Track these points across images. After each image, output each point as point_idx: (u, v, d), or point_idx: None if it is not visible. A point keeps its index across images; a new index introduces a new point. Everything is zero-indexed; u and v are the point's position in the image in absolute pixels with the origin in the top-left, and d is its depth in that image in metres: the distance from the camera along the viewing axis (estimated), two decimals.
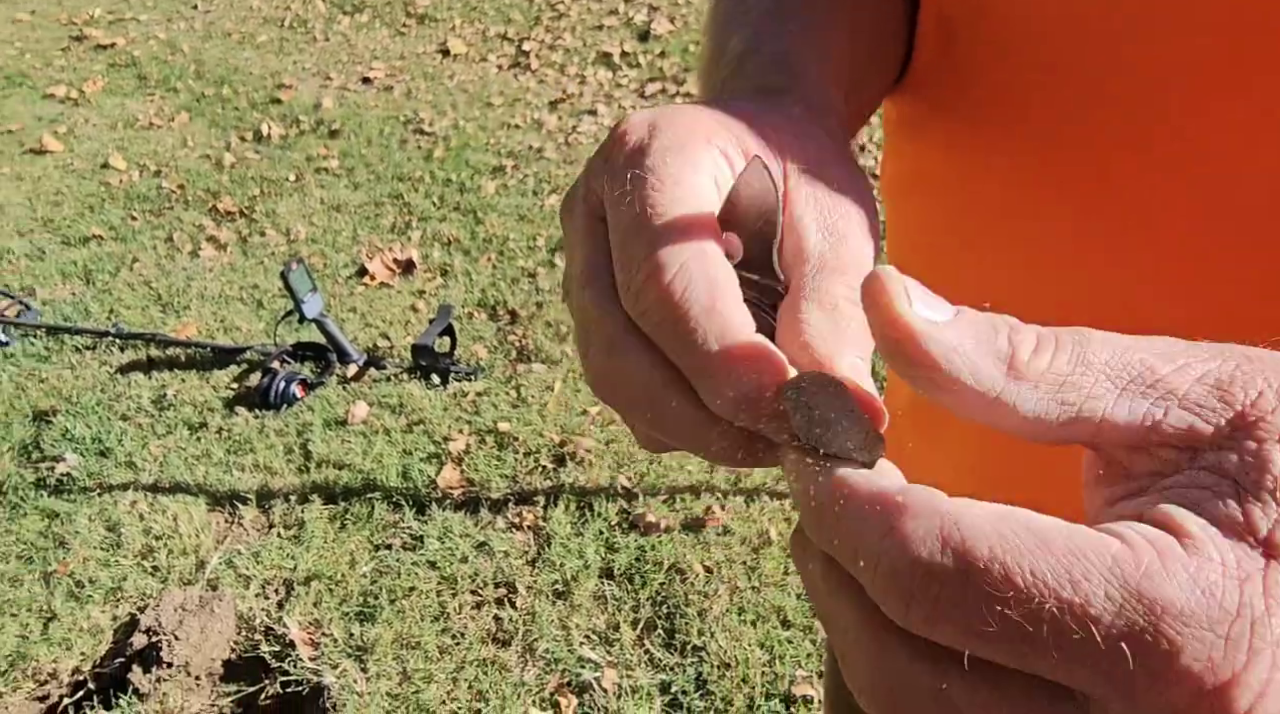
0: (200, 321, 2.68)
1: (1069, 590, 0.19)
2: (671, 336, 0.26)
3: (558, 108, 3.72)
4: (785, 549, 1.83)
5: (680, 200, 0.28)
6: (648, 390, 0.27)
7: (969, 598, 0.19)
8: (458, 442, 2.15)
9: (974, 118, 0.45)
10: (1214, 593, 0.19)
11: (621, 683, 1.63)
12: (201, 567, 1.91)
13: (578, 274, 0.29)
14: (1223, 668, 0.18)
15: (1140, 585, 0.19)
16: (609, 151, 0.30)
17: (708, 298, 0.26)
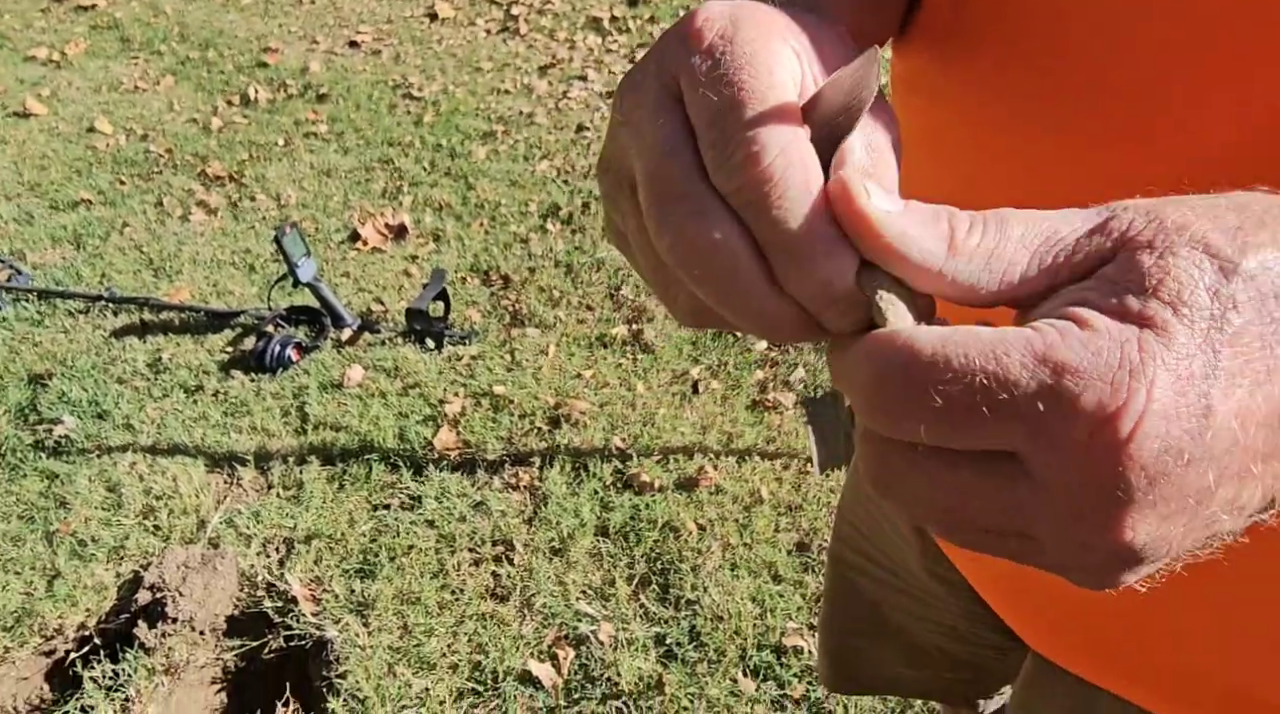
0: (193, 286, 2.68)
1: (994, 365, 0.25)
2: (765, 214, 0.28)
3: (548, 73, 3.71)
4: (776, 508, 1.87)
5: (773, 88, 0.29)
6: (729, 263, 0.29)
7: (909, 388, 0.25)
8: (453, 404, 2.18)
9: (983, 75, 0.46)
10: (1101, 353, 0.24)
11: (618, 635, 1.67)
12: (202, 526, 1.94)
13: (657, 144, 0.30)
14: (1109, 404, 0.24)
15: (1046, 353, 0.24)
16: (689, 37, 0.31)
17: (804, 182, 0.28)
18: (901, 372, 0.26)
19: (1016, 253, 0.27)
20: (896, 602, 0.84)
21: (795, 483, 1.93)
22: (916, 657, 0.87)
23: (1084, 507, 0.25)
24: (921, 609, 0.82)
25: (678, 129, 0.30)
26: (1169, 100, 0.39)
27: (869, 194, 0.27)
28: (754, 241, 0.29)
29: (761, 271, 0.29)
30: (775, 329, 0.30)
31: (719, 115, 0.29)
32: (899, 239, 0.27)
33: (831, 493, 1.89)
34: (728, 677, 1.59)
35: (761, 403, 2.12)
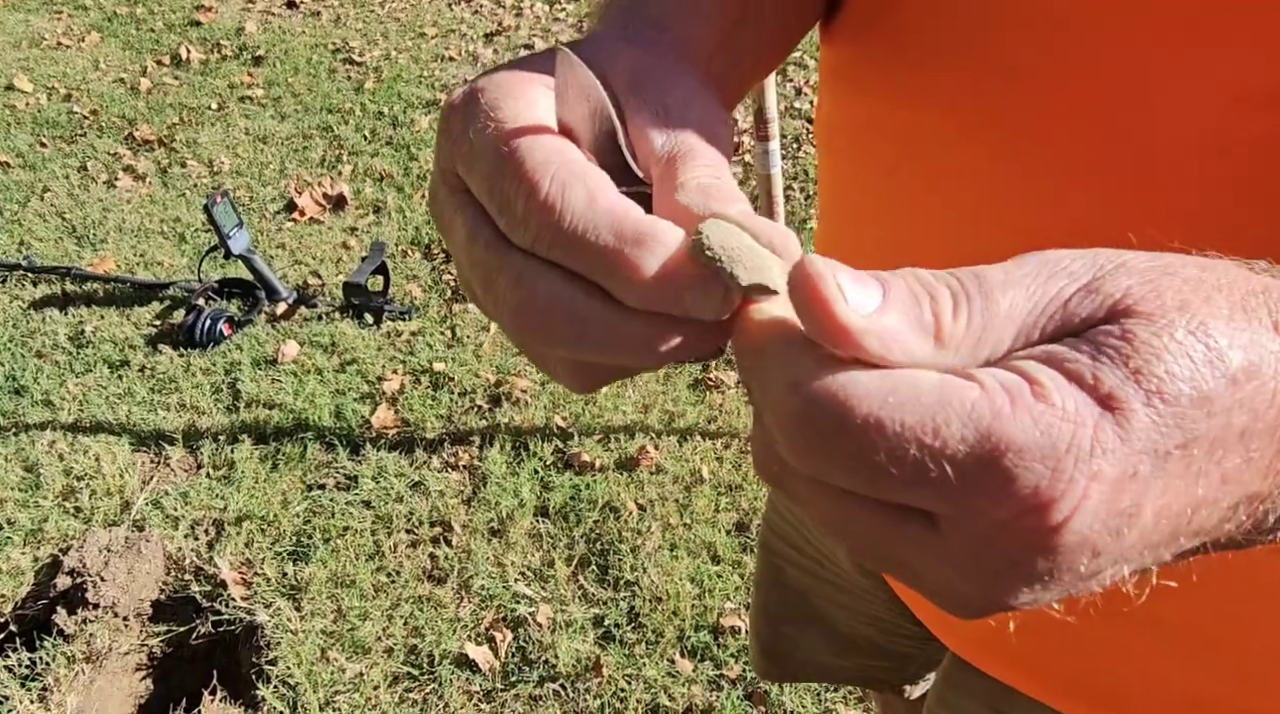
0: (119, 255, 2.58)
1: (930, 437, 0.22)
2: (569, 247, 0.27)
3: (494, 40, 3.62)
4: (716, 487, 1.88)
5: (527, 130, 0.29)
6: (566, 309, 0.27)
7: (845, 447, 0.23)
8: (392, 382, 2.13)
9: (911, 68, 0.45)
10: (1050, 433, 0.22)
11: (556, 617, 1.66)
12: (127, 508, 1.87)
13: (464, 239, 0.30)
14: (1045, 492, 0.22)
15: (990, 427, 0.22)
16: (446, 127, 0.31)
17: (586, 195, 0.27)
18: (828, 425, 0.23)
19: (1004, 329, 0.25)
20: (824, 591, 0.84)
21: (736, 462, 1.93)
22: (844, 645, 0.88)
23: (979, 571, 0.24)
24: (848, 599, 0.82)
25: (473, 215, 0.30)
26: (1101, 92, 0.38)
27: (843, 294, 0.24)
28: (581, 279, 0.28)
29: (603, 302, 0.27)
30: (660, 351, 0.28)
31: (491, 179, 0.28)
32: (884, 347, 0.24)
33: None
34: (665, 657, 1.59)
35: (703, 382, 2.12)
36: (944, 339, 0.24)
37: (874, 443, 0.23)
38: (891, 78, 0.47)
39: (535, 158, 0.28)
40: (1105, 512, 0.23)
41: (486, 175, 0.29)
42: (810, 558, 0.84)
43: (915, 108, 0.46)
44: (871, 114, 0.51)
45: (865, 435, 0.23)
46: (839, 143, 0.57)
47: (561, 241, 0.27)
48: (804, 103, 3.06)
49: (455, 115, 0.31)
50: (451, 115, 0.31)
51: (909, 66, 0.46)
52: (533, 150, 0.28)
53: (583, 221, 0.27)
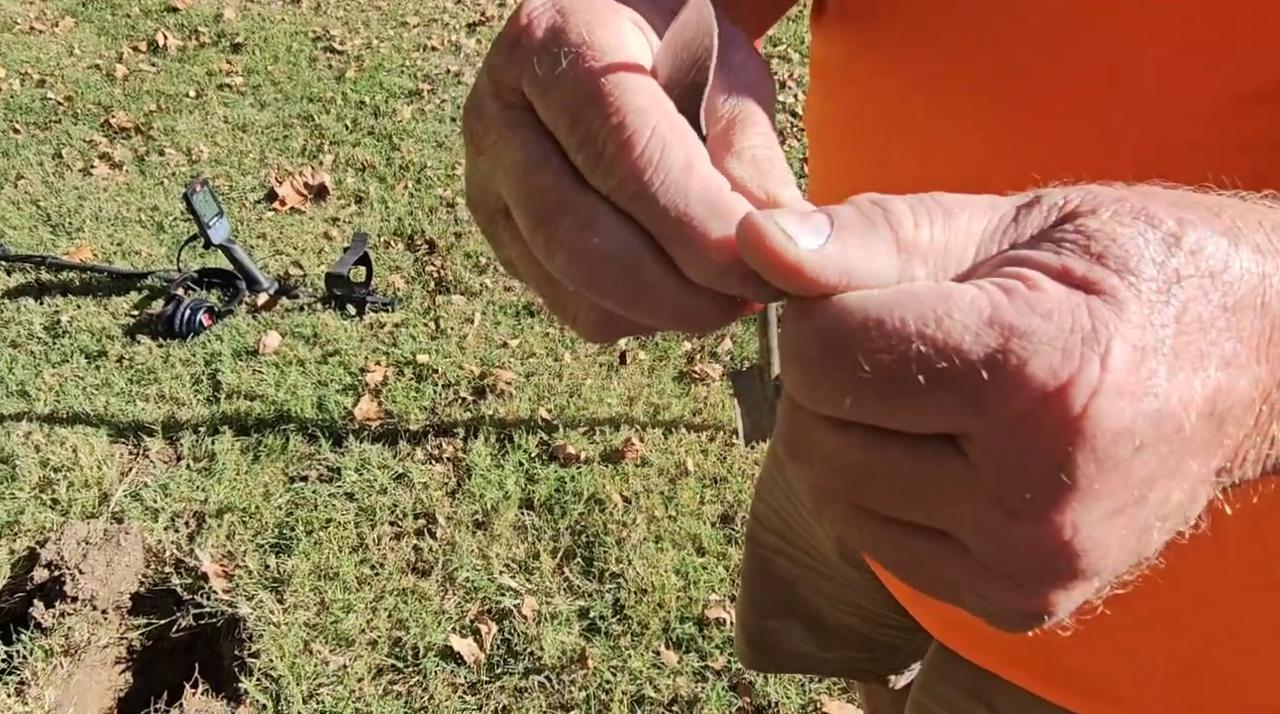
0: (95, 244, 2.54)
1: (934, 328, 0.22)
2: (653, 205, 0.26)
3: (476, 30, 3.60)
4: (701, 480, 1.88)
5: (624, 68, 0.27)
6: (629, 267, 0.26)
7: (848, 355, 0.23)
8: (375, 373, 2.12)
9: (904, 56, 0.45)
10: (1050, 316, 0.22)
11: (541, 610, 1.66)
12: (105, 500, 1.85)
13: (519, 162, 0.28)
14: (1061, 371, 0.21)
15: (993, 315, 0.22)
16: (517, 40, 0.28)
17: (684, 160, 0.26)
18: (826, 337, 0.23)
19: (967, 244, 0.24)
20: (811, 582, 0.85)
21: (720, 455, 1.93)
22: (829, 637, 0.88)
23: (1020, 493, 0.22)
24: (835, 590, 0.83)
25: (537, 141, 0.28)
26: (1097, 83, 0.38)
27: (787, 234, 0.23)
28: (649, 237, 0.27)
29: (666, 267, 0.26)
30: (695, 321, 0.27)
31: (577, 112, 0.26)
32: (840, 271, 0.23)
33: (756, 465, 1.90)
34: (650, 649, 1.60)
35: (688, 374, 2.12)
36: (908, 247, 0.24)
37: (875, 344, 0.22)
38: (883, 65, 0.48)
39: (635, 103, 0.26)
40: (1129, 387, 0.22)
41: (572, 107, 0.27)
42: (798, 549, 0.84)
43: (907, 95, 0.46)
44: (863, 102, 0.51)
45: (863, 334, 0.22)
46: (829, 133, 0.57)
47: (646, 200, 0.26)
48: (788, 96, 3.06)
49: (533, 28, 0.28)
50: (530, 27, 0.28)
51: (902, 54, 0.46)
52: (633, 94, 0.26)
53: (675, 187, 0.25)
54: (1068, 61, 0.39)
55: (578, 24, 0.28)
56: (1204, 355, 0.23)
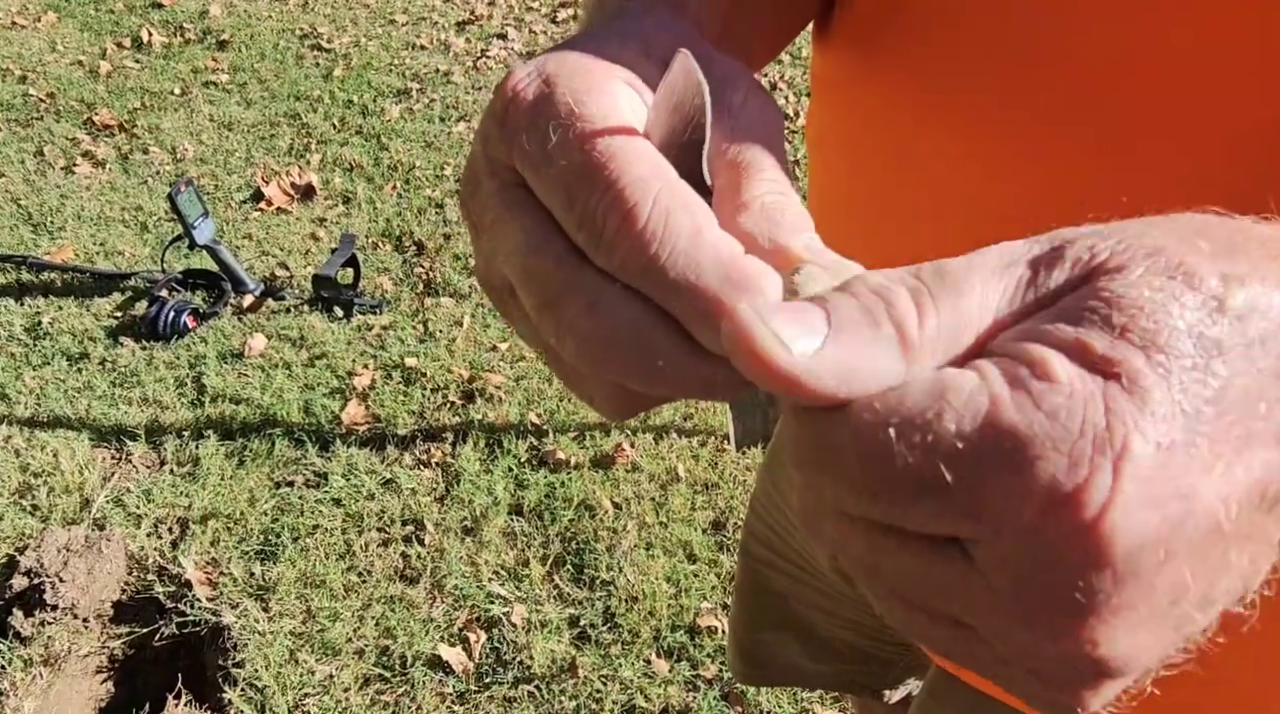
0: (78, 244, 2.50)
1: (920, 434, 0.20)
2: (662, 280, 0.24)
3: (466, 29, 3.57)
4: (692, 486, 1.86)
5: (617, 132, 0.26)
6: (642, 345, 0.25)
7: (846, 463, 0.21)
8: (362, 377, 2.09)
9: (908, 80, 0.45)
10: (1057, 416, 0.20)
11: (531, 617, 1.64)
12: (87, 505, 1.82)
13: (520, 246, 0.27)
14: (1066, 482, 0.19)
15: (990, 414, 0.20)
16: (507, 114, 0.27)
17: (691, 228, 0.24)
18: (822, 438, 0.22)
19: (981, 319, 0.22)
20: (805, 596, 0.84)
21: (712, 461, 1.92)
22: (823, 650, 0.88)
23: (1033, 608, 0.20)
24: (829, 604, 0.82)
25: (536, 221, 0.26)
26: (1105, 115, 0.38)
27: (779, 338, 0.21)
28: (660, 312, 0.25)
29: (682, 341, 0.25)
30: (719, 392, 0.26)
31: (572, 189, 0.25)
32: (839, 381, 0.21)
33: (748, 471, 1.89)
34: (641, 658, 1.58)
35: None
36: (913, 347, 0.22)
37: (866, 450, 0.21)
38: (886, 91, 0.47)
39: (633, 173, 0.25)
40: (1150, 494, 0.19)
41: (566, 184, 0.25)
42: (791, 562, 0.83)
43: (909, 120, 0.46)
44: (865, 124, 0.50)
45: (858, 441, 0.21)
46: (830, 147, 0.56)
47: (655, 276, 0.24)
48: (780, 98, 3.05)
49: (520, 102, 0.27)
50: (515, 101, 0.27)
51: (904, 81, 0.45)
52: (630, 163, 0.25)
53: (684, 259, 0.24)
54: (1069, 90, 0.38)
55: (565, 92, 0.26)
56: (1250, 436, 0.20)
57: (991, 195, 0.43)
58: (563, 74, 0.27)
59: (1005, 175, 0.42)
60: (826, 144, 0.56)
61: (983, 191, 0.43)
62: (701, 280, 0.24)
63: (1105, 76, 0.37)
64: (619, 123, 0.26)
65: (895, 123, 0.47)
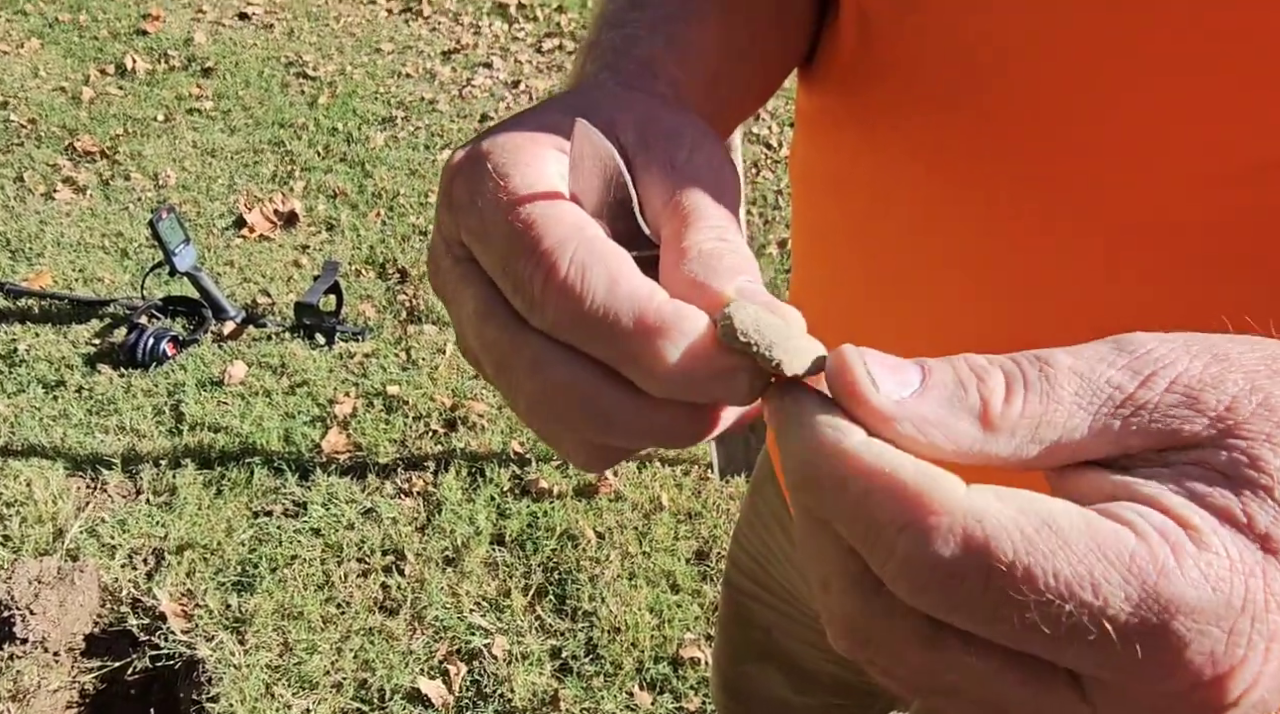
0: (56, 270, 2.48)
1: (1089, 594, 0.19)
2: (588, 334, 0.25)
3: (451, 58, 3.59)
4: (676, 515, 1.86)
5: (540, 197, 0.27)
6: (586, 398, 0.26)
7: (988, 598, 0.20)
8: (344, 404, 2.08)
9: (892, 121, 0.45)
10: (1222, 589, 0.19)
11: (512, 649, 1.62)
12: (60, 536, 1.79)
13: (473, 316, 0.28)
14: (1223, 661, 0.19)
15: (1158, 585, 0.19)
16: (448, 194, 0.29)
17: (608, 278, 0.25)
18: (971, 570, 0.20)
19: (1070, 419, 0.22)
20: (788, 628, 0.84)
21: (695, 489, 1.91)
22: (807, 682, 0.87)
23: None
24: (813, 636, 0.82)
25: (484, 292, 0.28)
26: (1086, 158, 0.38)
27: (874, 380, 0.22)
28: (601, 365, 0.26)
29: (626, 390, 0.26)
30: (674, 436, 0.27)
31: (504, 257, 0.27)
32: (922, 432, 0.22)
33: (731, 500, 1.89)
34: (624, 690, 1.56)
35: None
36: (993, 423, 0.22)
37: (1024, 597, 0.20)
38: (871, 133, 0.47)
39: (553, 235, 0.26)
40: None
41: (499, 252, 0.27)
42: (775, 594, 0.83)
43: (892, 157, 0.46)
44: (851, 164, 0.51)
45: (1014, 586, 0.20)
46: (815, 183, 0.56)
47: (581, 327, 0.25)
48: (762, 128, 3.08)
49: (459, 180, 0.29)
50: (455, 180, 0.29)
51: (886, 118, 0.46)
52: (550, 226, 0.26)
53: (603, 307, 0.25)
54: (1054, 135, 0.38)
55: (496, 164, 0.28)
56: None
57: (969, 232, 0.43)
58: (494, 148, 0.29)
59: (980, 214, 0.42)
60: (812, 178, 0.57)
61: (961, 229, 0.44)
62: (621, 325, 0.25)
63: (1079, 121, 0.38)
64: (545, 187, 0.27)
65: (877, 160, 0.48)
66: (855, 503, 0.21)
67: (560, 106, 0.31)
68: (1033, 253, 0.41)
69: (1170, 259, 0.37)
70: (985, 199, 0.42)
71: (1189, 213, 0.36)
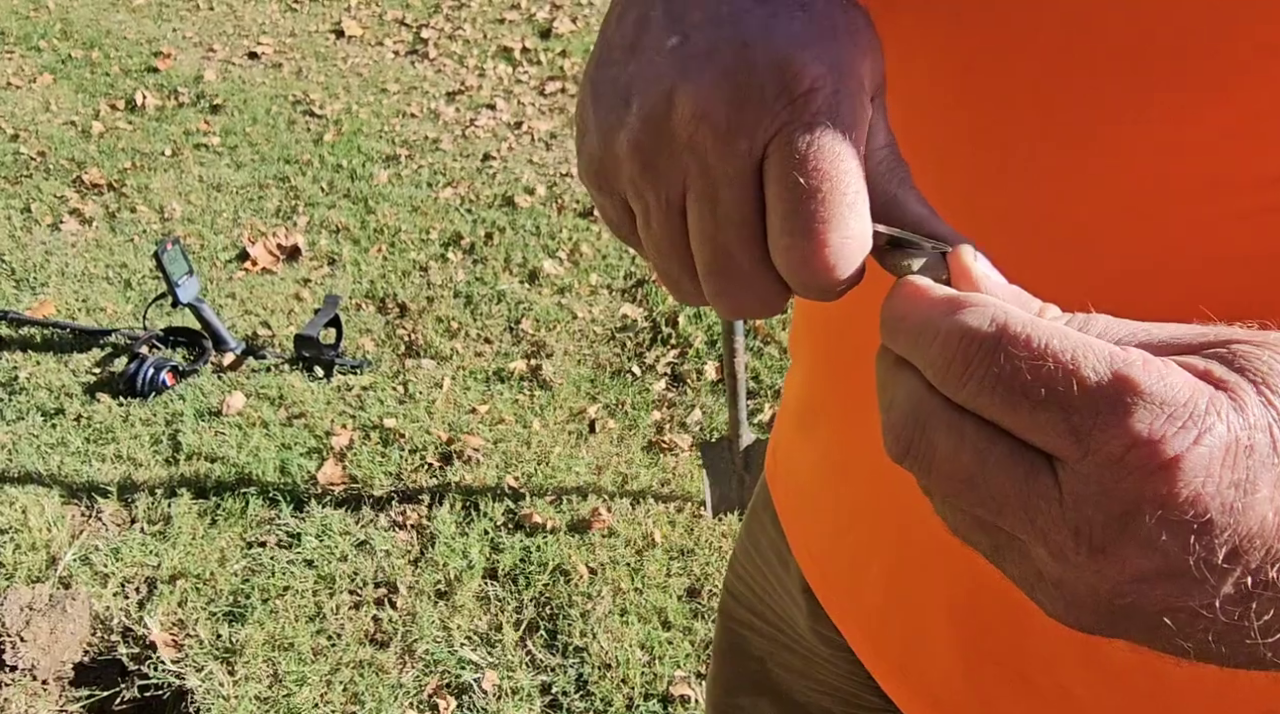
0: (60, 300, 2.50)
1: (1068, 357, 0.25)
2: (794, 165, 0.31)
3: (456, 99, 3.67)
4: (668, 551, 1.86)
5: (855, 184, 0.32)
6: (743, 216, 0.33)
7: (995, 353, 0.26)
8: (340, 437, 2.09)
9: (918, 79, 0.44)
10: (1171, 387, 0.24)
11: (502, 684, 1.62)
12: (53, 563, 1.79)
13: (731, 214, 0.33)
14: (1158, 431, 0.24)
15: (1122, 369, 0.24)
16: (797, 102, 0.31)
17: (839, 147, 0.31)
18: (989, 336, 0.26)
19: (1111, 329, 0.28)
20: (782, 659, 0.84)
21: (688, 526, 1.92)
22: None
23: (1087, 522, 0.25)
24: (807, 668, 0.82)
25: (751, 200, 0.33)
26: (1087, 169, 0.38)
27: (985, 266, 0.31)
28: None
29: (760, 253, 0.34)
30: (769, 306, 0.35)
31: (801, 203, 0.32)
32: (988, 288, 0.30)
33: (724, 537, 1.89)
34: None
35: (657, 444, 2.12)
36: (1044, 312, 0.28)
37: (1022, 350, 0.25)
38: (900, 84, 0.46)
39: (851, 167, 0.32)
40: (1217, 468, 0.23)
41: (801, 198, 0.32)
42: (770, 624, 0.83)
43: (928, 112, 0.45)
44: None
45: (1017, 342, 0.26)
46: None
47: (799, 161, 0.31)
48: None
49: (812, 101, 0.31)
50: (809, 96, 0.31)
51: (918, 80, 0.44)
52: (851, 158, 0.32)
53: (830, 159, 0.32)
54: (1060, 174, 0.38)
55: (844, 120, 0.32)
56: None
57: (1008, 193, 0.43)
58: (845, 99, 0.32)
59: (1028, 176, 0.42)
60: None
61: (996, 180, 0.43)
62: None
63: (1092, 152, 0.38)
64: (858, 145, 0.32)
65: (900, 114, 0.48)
66: (922, 316, 0.28)
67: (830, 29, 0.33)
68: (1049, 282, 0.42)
69: (1185, 300, 0.36)
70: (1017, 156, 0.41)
71: (1205, 250, 0.36)
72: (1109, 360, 0.25)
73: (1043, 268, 0.40)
